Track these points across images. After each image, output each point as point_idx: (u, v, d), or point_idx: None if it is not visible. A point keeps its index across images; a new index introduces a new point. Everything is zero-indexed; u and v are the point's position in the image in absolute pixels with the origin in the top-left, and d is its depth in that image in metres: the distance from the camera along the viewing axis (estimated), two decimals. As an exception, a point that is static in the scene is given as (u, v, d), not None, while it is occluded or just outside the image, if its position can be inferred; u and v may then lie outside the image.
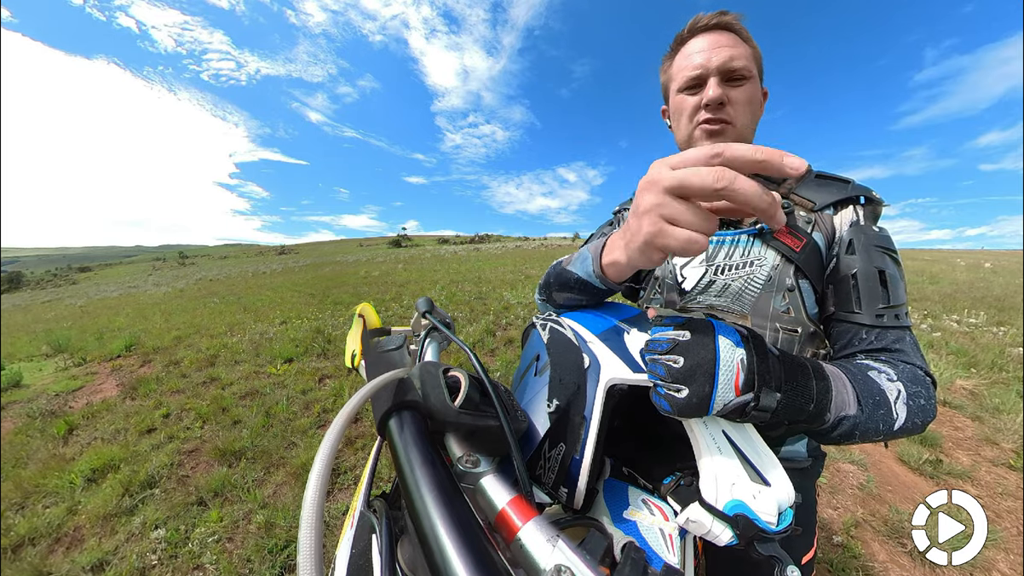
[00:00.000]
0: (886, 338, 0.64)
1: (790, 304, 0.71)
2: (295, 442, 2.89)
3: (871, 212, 0.73)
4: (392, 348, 0.60)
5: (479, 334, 5.13)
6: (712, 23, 0.77)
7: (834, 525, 2.07)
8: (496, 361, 4.28)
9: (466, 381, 0.44)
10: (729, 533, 0.37)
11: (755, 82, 0.78)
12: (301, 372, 4.25)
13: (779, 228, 0.40)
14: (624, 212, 1.02)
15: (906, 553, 1.92)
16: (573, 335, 0.55)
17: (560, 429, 0.49)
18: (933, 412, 0.56)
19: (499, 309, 6.69)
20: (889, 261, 0.68)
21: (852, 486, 2.39)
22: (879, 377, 0.55)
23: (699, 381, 0.40)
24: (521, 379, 0.62)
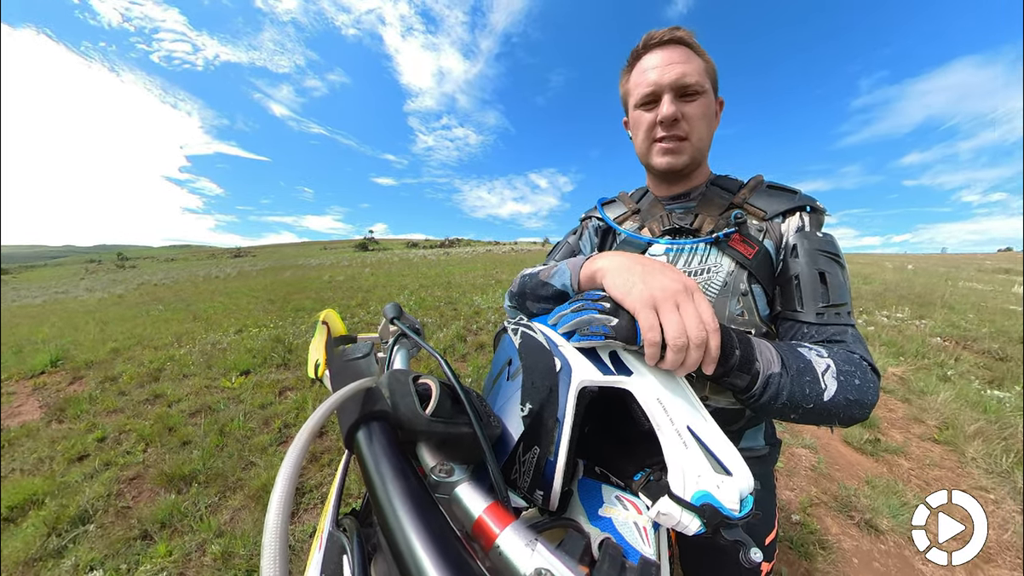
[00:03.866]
0: (826, 332, 0.69)
1: (744, 307, 0.76)
2: (254, 461, 2.69)
3: (816, 220, 0.79)
4: (359, 356, 0.57)
5: (450, 340, 5.06)
6: (666, 39, 0.80)
7: (792, 505, 2.24)
8: (468, 367, 4.23)
9: (437, 388, 0.43)
10: (697, 522, 0.39)
11: (708, 95, 0.81)
12: (259, 385, 3.97)
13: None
14: (591, 219, 1.05)
15: (854, 524, 2.12)
16: (545, 339, 0.56)
17: (534, 432, 0.49)
18: (872, 395, 0.61)
19: (470, 314, 6.63)
20: (832, 264, 0.73)
21: (805, 468, 2.59)
22: (808, 353, 0.61)
23: (624, 313, 0.50)
24: (493, 384, 0.62)
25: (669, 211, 0.89)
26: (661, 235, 0.87)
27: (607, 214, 1.00)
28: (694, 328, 0.48)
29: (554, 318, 0.58)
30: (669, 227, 0.86)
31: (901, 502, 2.27)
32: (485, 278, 12.33)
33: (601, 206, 1.05)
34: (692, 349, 0.47)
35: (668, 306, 0.48)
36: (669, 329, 0.47)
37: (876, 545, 2.00)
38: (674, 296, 0.49)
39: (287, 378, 4.15)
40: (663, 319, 0.48)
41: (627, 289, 0.52)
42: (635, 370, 0.50)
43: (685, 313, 0.48)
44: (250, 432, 3.10)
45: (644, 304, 0.49)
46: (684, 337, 0.47)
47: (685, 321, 0.48)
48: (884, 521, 2.13)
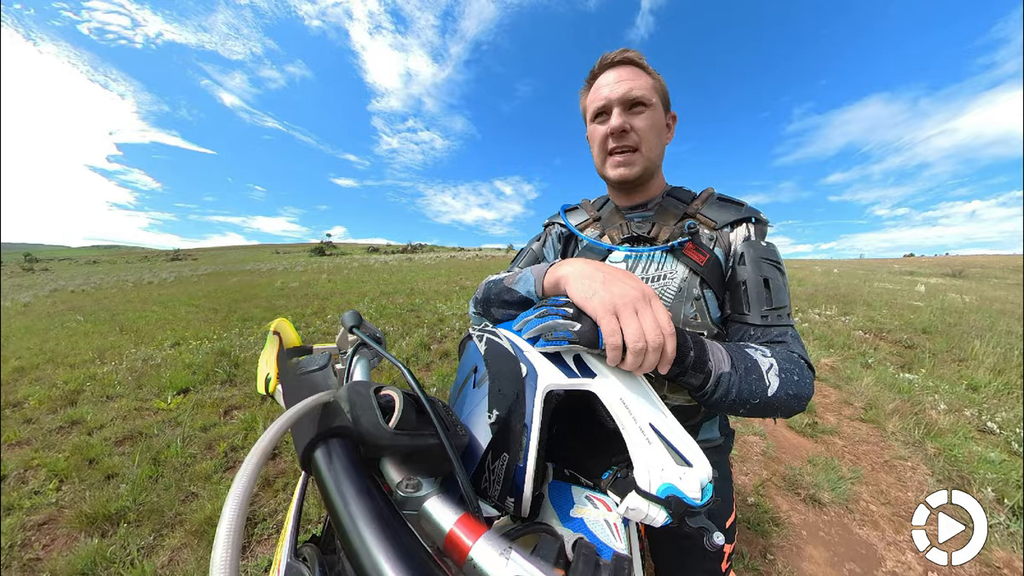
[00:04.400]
0: (770, 333, 0.75)
1: (697, 311, 0.81)
2: (195, 492, 2.39)
3: (760, 230, 0.85)
4: (315, 369, 0.54)
5: (413, 348, 4.91)
6: (617, 59, 0.86)
7: (747, 488, 2.40)
8: (432, 376, 4.12)
9: (400, 399, 0.41)
10: (664, 514, 0.41)
11: (657, 109, 0.86)
12: (200, 405, 3.59)
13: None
14: (554, 226, 1.08)
15: (801, 500, 2.32)
16: (510, 345, 0.56)
17: (502, 439, 0.49)
18: (809, 389, 0.67)
19: (434, 321, 6.49)
20: (774, 270, 0.80)
21: (756, 454, 2.80)
22: (754, 353, 0.66)
23: (587, 318, 0.52)
24: (459, 392, 0.61)
25: (628, 220, 0.93)
26: (621, 242, 0.91)
27: (570, 221, 1.03)
28: (652, 333, 0.50)
29: (519, 324, 0.58)
30: (628, 235, 0.90)
31: (838, 476, 2.52)
32: (449, 284, 12.13)
33: (564, 213, 1.08)
34: (650, 352, 0.50)
35: (628, 312, 0.51)
36: (628, 334, 0.50)
37: (820, 517, 2.21)
38: (633, 302, 0.52)
39: (233, 396, 3.79)
40: (623, 324, 0.50)
41: (589, 295, 0.54)
42: (598, 372, 0.52)
43: (643, 318, 0.51)
44: (190, 459, 2.77)
45: (605, 310, 0.51)
46: (643, 341, 0.50)
47: (643, 326, 0.50)
48: (825, 495, 2.35)
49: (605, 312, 0.51)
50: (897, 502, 2.36)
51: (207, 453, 2.86)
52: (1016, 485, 2.43)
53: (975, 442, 2.97)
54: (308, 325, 6.65)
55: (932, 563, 1.88)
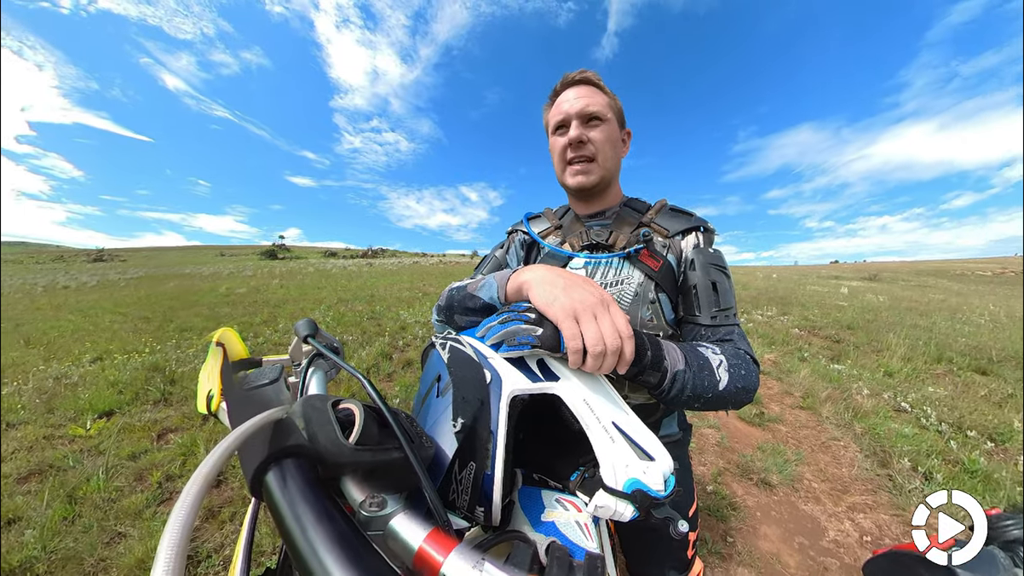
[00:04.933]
0: (719, 332, 0.81)
1: (653, 314, 0.86)
2: (123, 532, 2.06)
3: (708, 238, 0.92)
4: (265, 383, 0.50)
5: (373, 358, 4.68)
6: (577, 79, 0.92)
7: (705, 478, 2.54)
8: (394, 386, 3.94)
9: (361, 413, 0.39)
10: (631, 508, 0.42)
11: (612, 124, 0.92)
12: (128, 429, 3.16)
13: None
14: (517, 233, 1.10)
15: (754, 484, 2.49)
16: (474, 352, 0.55)
17: (468, 448, 0.48)
18: (755, 382, 0.72)
19: (395, 329, 6.23)
20: (721, 275, 0.86)
21: (712, 445, 2.97)
22: (705, 351, 0.70)
23: (548, 323, 0.54)
24: (423, 402, 0.59)
25: (588, 228, 0.97)
26: (580, 249, 0.95)
27: (532, 228, 1.07)
28: (610, 336, 0.52)
29: (482, 330, 0.58)
30: (588, 242, 0.94)
31: (784, 460, 2.74)
32: (412, 291, 11.77)
33: (527, 221, 1.11)
34: (608, 355, 0.52)
35: (587, 316, 0.53)
36: (588, 337, 0.52)
37: (771, 498, 2.39)
38: (592, 308, 0.54)
39: (169, 417, 3.40)
40: (583, 328, 0.52)
41: (550, 301, 0.55)
42: (562, 375, 0.52)
43: (602, 323, 0.53)
44: (116, 493, 2.38)
45: (566, 315, 0.53)
46: (602, 344, 0.52)
47: (602, 330, 0.52)
48: (774, 477, 2.55)
49: (566, 317, 0.53)
50: (834, 478, 2.62)
51: (137, 485, 2.49)
52: (926, 454, 2.83)
53: (892, 420, 3.37)
54: (257, 335, 6.13)
55: (864, 528, 2.15)
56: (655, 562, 0.95)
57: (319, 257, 66.83)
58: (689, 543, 0.95)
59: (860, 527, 2.16)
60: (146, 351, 5.31)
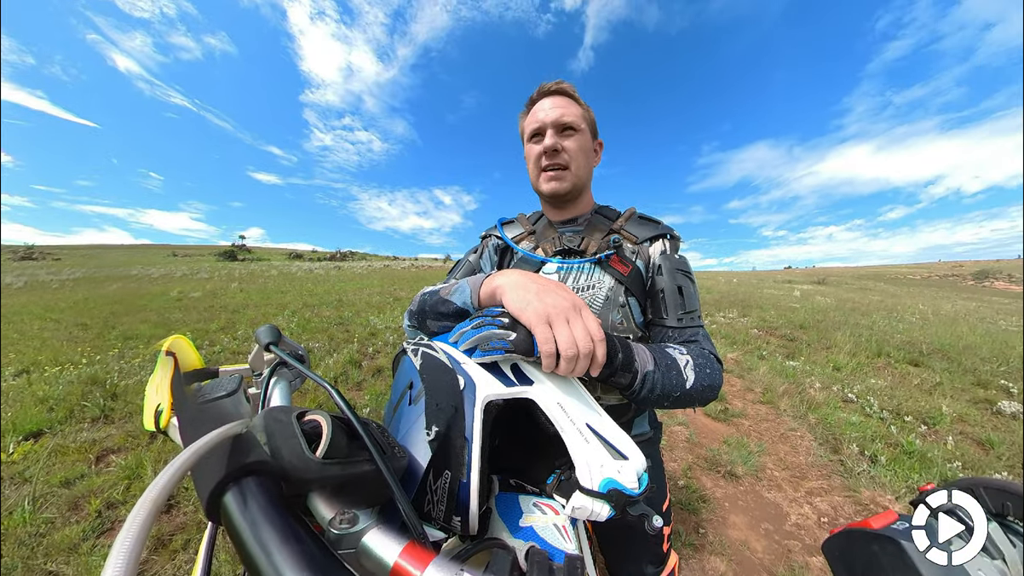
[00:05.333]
0: (685, 334, 0.85)
1: (623, 317, 0.89)
2: (55, 571, 1.81)
3: (674, 245, 0.96)
4: (222, 395, 0.47)
5: (341, 366, 4.48)
6: (553, 89, 0.95)
7: (676, 473, 2.65)
8: (364, 395, 3.78)
9: (328, 424, 0.37)
10: (607, 508, 0.42)
11: (586, 134, 0.96)
12: (61, 451, 2.79)
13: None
14: (491, 238, 1.11)
15: (721, 476, 2.62)
16: (447, 358, 0.55)
17: (443, 456, 0.47)
18: (719, 380, 0.76)
19: (365, 336, 6.01)
20: (687, 280, 0.90)
21: (682, 441, 3.09)
22: (673, 351, 0.74)
23: (521, 327, 0.54)
24: (395, 411, 0.57)
25: (560, 234, 1.00)
26: (553, 255, 0.97)
27: (506, 234, 1.08)
28: (582, 340, 0.54)
29: (455, 336, 0.58)
30: (560, 248, 0.97)
31: (748, 452, 2.90)
32: (383, 296, 11.40)
33: (501, 226, 1.12)
34: (581, 358, 0.53)
35: (560, 321, 0.54)
36: (561, 341, 0.53)
37: (737, 488, 2.52)
38: (565, 312, 0.55)
39: (110, 436, 3.06)
40: (556, 332, 0.53)
41: (523, 305, 0.56)
42: (535, 379, 0.53)
43: (575, 327, 0.54)
44: (46, 526, 2.08)
45: (539, 319, 0.54)
46: (574, 348, 0.53)
47: (575, 334, 0.54)
48: (740, 469, 2.68)
49: (539, 321, 0.53)
50: (793, 466, 2.81)
51: (71, 515, 2.20)
52: (871, 439, 3.12)
53: (841, 410, 3.67)
54: (213, 343, 5.69)
55: (822, 510, 2.31)
56: (632, 558, 0.97)
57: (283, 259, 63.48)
58: (664, 537, 0.98)
59: (818, 510, 2.33)
60: (83, 362, 4.76)
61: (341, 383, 4.06)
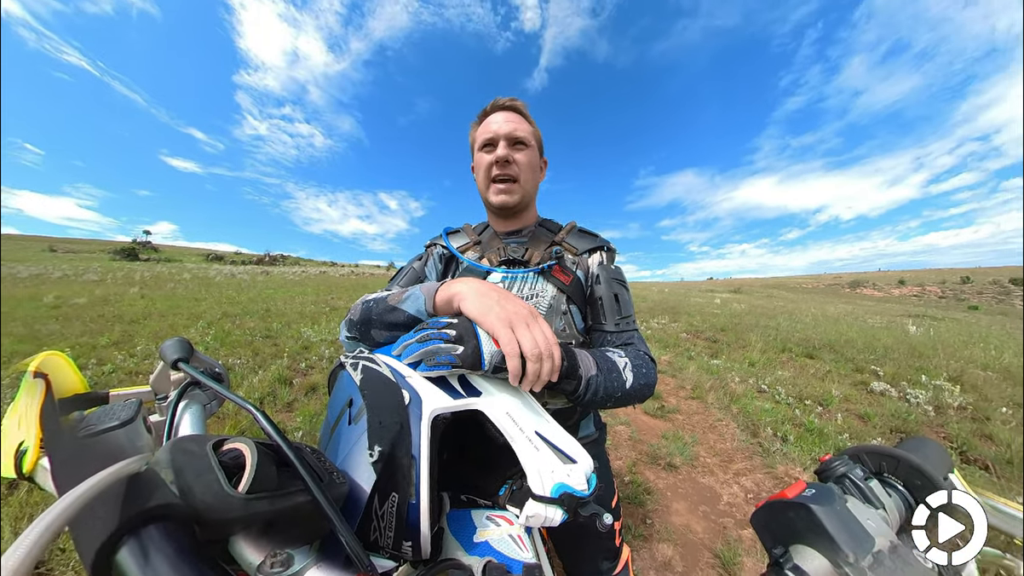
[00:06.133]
0: (622, 338, 0.91)
1: (566, 324, 0.93)
2: None
3: (611, 257, 1.03)
4: (113, 425, 0.39)
5: (268, 385, 4.00)
6: (507, 104, 0.99)
7: (622, 470, 2.77)
8: (296, 417, 3.40)
9: (253, 453, 0.33)
10: (560, 512, 0.43)
11: (534, 151, 1.01)
12: None
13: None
14: (436, 246, 1.11)
15: (662, 468, 2.83)
16: (389, 371, 0.52)
17: (389, 478, 0.44)
18: (654, 378, 0.82)
19: (297, 350, 5.45)
20: (622, 288, 0.97)
21: (625, 440, 3.27)
22: (612, 355, 0.78)
23: (469, 340, 0.53)
24: (332, 432, 0.53)
25: (505, 244, 1.03)
26: (498, 265, 0.99)
27: (452, 243, 1.09)
28: (542, 342, 0.56)
29: (398, 348, 0.56)
30: (505, 258, 0.99)
31: (683, 443, 3.15)
32: (318, 305, 10.55)
33: (447, 235, 1.13)
34: (544, 359, 0.56)
35: (521, 325, 0.56)
36: (526, 344, 0.55)
37: (677, 477, 2.73)
38: (525, 318, 0.57)
39: None
40: (519, 336, 0.55)
41: (485, 311, 0.57)
42: (484, 390, 0.52)
43: (534, 331, 0.57)
44: None
45: (503, 324, 0.55)
46: (538, 349, 0.55)
47: (535, 337, 0.56)
48: (677, 459, 2.90)
49: (503, 325, 0.55)
50: (722, 452, 3.11)
51: None
52: (781, 422, 3.59)
53: (757, 400, 4.19)
54: (102, 362, 4.66)
55: (748, 488, 2.60)
56: (588, 557, 0.99)
57: (199, 260, 55.74)
58: (616, 532, 1.02)
59: (744, 488, 2.62)
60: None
61: (268, 404, 3.63)
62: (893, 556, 0.32)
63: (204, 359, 0.58)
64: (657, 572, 1.89)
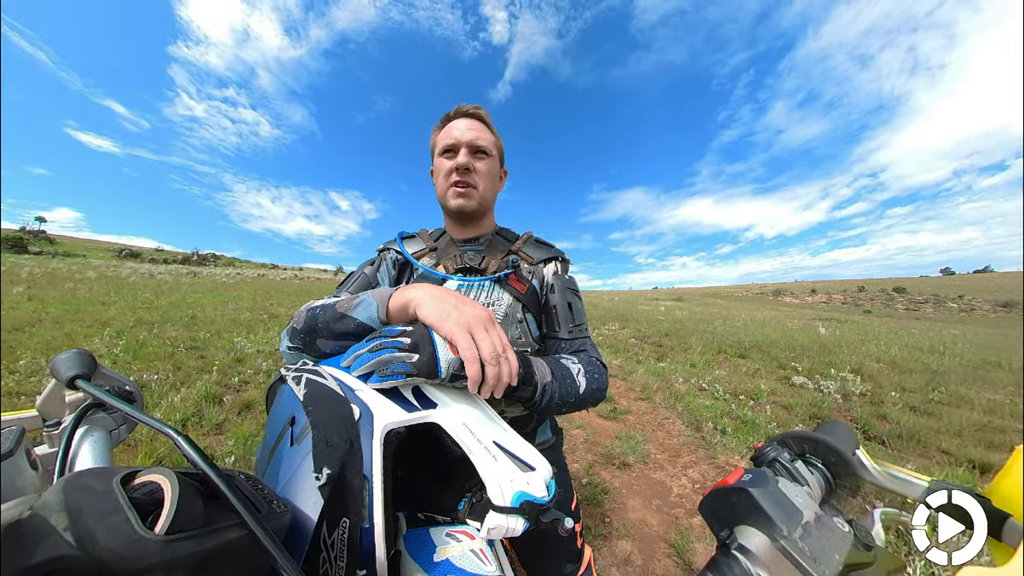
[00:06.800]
0: (575, 344, 0.94)
1: (522, 332, 0.94)
2: None
3: (565, 266, 1.06)
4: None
5: (194, 403, 3.49)
6: (472, 112, 1.00)
7: (579, 473, 2.83)
8: (228, 440, 2.94)
9: (173, 485, 0.28)
10: (522, 521, 0.42)
11: (495, 161, 1.02)
12: None
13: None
14: (389, 251, 1.07)
15: (616, 468, 2.93)
16: (337, 385, 0.49)
17: (338, 502, 0.40)
18: (605, 383, 0.85)
19: (228, 363, 4.86)
20: (575, 297, 1.00)
21: (581, 443, 3.35)
22: (566, 361, 0.80)
23: (424, 348, 0.52)
24: (271, 455, 0.48)
25: (462, 252, 1.02)
26: (454, 272, 0.98)
27: (406, 249, 1.06)
28: (500, 346, 0.56)
29: (348, 359, 0.53)
30: (461, 266, 0.98)
31: (635, 442, 3.30)
32: (255, 311, 9.60)
33: (401, 240, 1.09)
34: (503, 362, 0.56)
35: (480, 329, 0.56)
36: (485, 348, 0.54)
37: (630, 475, 2.85)
38: (483, 322, 0.57)
39: None
40: (478, 340, 0.54)
41: (443, 316, 0.56)
42: (439, 401, 0.51)
43: (492, 336, 0.57)
44: None
45: (462, 328, 0.54)
46: (496, 353, 0.55)
47: (493, 341, 0.56)
48: (630, 458, 3.03)
49: (462, 330, 0.54)
50: (670, 448, 3.31)
51: None
52: (720, 416, 3.88)
53: (699, 397, 4.54)
54: None
55: (694, 479, 2.79)
56: (552, 563, 0.99)
57: (108, 256, 48.12)
58: (577, 535, 1.03)
59: (691, 479, 2.81)
60: None
61: (193, 427, 3.19)
62: (818, 525, 0.36)
63: (111, 375, 0.51)
64: (618, 568, 1.94)
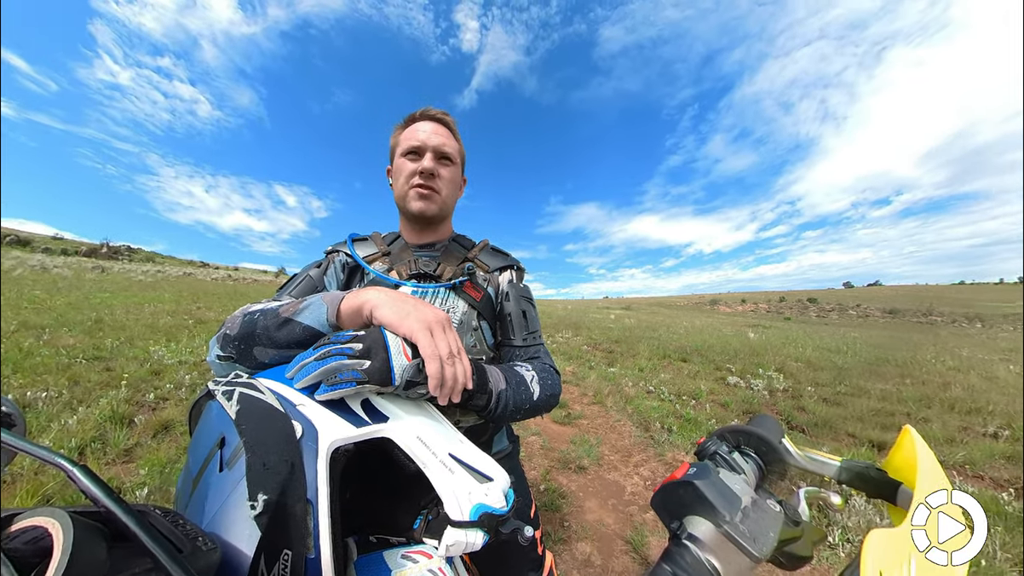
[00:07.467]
0: (529, 351, 0.95)
1: (476, 340, 0.94)
2: None
3: (520, 275, 1.07)
4: None
5: (95, 426, 2.86)
6: (438, 116, 0.99)
7: (537, 479, 2.86)
8: (139, 468, 2.44)
9: (65, 530, 0.23)
10: (481, 534, 0.41)
11: (458, 169, 1.02)
12: None
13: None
14: (338, 254, 1.02)
15: (572, 472, 3.00)
16: (275, 399, 0.45)
17: (278, 532, 0.36)
18: (559, 388, 0.87)
19: (142, 375, 4.13)
20: (529, 305, 1.02)
21: (537, 449, 3.39)
22: (520, 368, 0.82)
23: (377, 353, 0.50)
24: (195, 484, 0.42)
25: (417, 257, 1.00)
26: (408, 278, 0.95)
27: (357, 252, 1.01)
28: (455, 347, 0.57)
29: (293, 370, 0.49)
30: (416, 272, 0.96)
31: (589, 446, 3.40)
32: (178, 316, 8.41)
33: (352, 243, 1.04)
34: (458, 363, 0.56)
35: (439, 329, 0.56)
36: (443, 347, 0.55)
37: (586, 478, 2.93)
38: (441, 322, 0.57)
39: None
40: (437, 340, 0.55)
41: (403, 316, 0.55)
42: (391, 414, 0.48)
43: (449, 336, 0.58)
44: None
45: (422, 327, 0.55)
46: (452, 352, 0.56)
47: (450, 342, 0.57)
48: (586, 461, 3.12)
49: (423, 329, 0.54)
50: (622, 449, 3.45)
51: None
52: (666, 416, 4.15)
53: (646, 399, 4.82)
54: None
55: (646, 476, 2.94)
56: (514, 573, 0.98)
57: None
58: (537, 542, 1.02)
59: (643, 476, 2.95)
60: None
61: (95, 455, 2.60)
62: (754, 508, 0.40)
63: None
64: (579, 571, 1.97)
